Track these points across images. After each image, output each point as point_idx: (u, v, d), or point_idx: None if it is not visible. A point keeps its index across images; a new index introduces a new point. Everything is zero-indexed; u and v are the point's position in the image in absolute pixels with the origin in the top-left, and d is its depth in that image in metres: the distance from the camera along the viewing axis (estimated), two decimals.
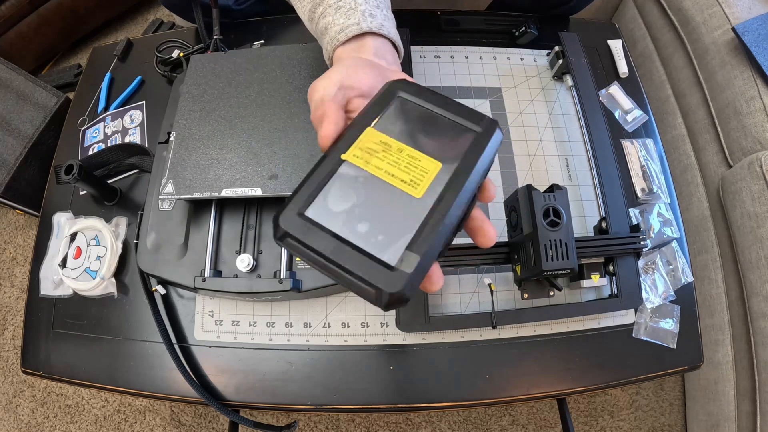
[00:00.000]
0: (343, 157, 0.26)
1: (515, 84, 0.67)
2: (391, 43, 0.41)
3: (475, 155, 0.26)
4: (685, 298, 0.58)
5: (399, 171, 0.25)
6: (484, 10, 0.80)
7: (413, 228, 0.23)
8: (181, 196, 0.48)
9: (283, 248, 0.50)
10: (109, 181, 0.62)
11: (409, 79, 0.32)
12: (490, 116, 0.32)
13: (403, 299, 0.22)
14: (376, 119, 0.27)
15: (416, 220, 0.23)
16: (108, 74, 0.70)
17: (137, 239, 0.53)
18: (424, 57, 0.69)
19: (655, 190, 0.62)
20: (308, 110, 0.33)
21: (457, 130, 0.27)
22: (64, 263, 0.57)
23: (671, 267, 0.59)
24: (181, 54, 0.68)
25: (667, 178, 0.64)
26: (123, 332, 0.55)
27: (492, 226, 0.28)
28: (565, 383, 0.53)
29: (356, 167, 0.25)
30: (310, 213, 0.24)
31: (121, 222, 0.60)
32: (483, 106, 0.65)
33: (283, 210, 0.24)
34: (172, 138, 0.52)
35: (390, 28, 0.41)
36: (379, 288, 0.21)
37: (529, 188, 0.48)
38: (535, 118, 0.65)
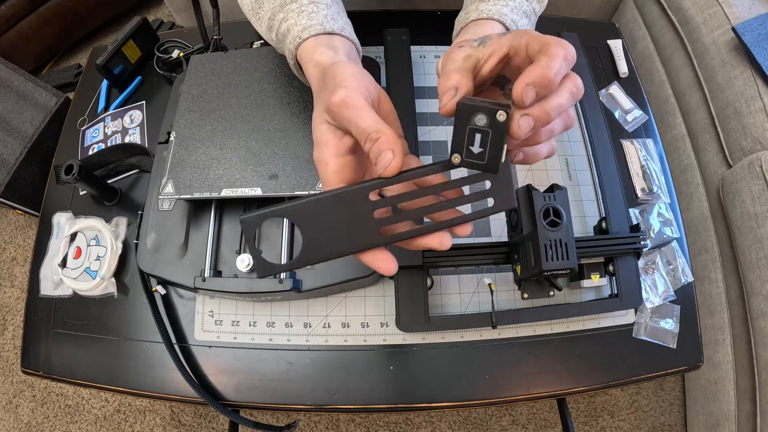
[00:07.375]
0: None
1: None
2: (353, 45, 0.44)
3: None
4: (685, 298, 0.58)
5: None
6: None
7: None
8: (181, 196, 0.49)
9: (283, 247, 0.50)
10: (109, 181, 0.62)
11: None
12: None
13: None
14: None
15: None
16: None
17: (137, 239, 0.53)
18: (424, 57, 0.68)
19: (655, 190, 0.62)
20: (308, 110, 0.33)
21: None
22: (64, 263, 0.57)
23: (671, 267, 0.59)
24: (181, 54, 0.68)
25: (667, 178, 0.64)
26: (123, 332, 0.55)
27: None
28: (565, 383, 0.53)
29: None
30: None
31: (121, 222, 0.60)
32: None
33: None
34: (172, 138, 0.52)
35: (350, 32, 0.44)
36: None
37: (529, 188, 0.48)
38: None
